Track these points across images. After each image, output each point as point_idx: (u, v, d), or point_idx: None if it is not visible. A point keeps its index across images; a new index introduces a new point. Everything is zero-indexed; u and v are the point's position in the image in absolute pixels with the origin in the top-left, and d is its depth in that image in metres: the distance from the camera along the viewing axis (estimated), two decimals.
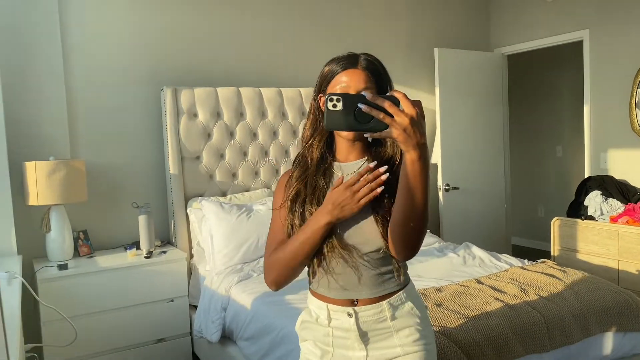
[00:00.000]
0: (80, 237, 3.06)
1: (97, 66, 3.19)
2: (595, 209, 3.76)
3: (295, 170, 1.39)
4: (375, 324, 1.33)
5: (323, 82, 1.35)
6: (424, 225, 1.18)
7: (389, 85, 1.35)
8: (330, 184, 1.35)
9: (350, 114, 1.09)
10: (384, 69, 1.35)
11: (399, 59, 4.33)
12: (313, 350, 1.41)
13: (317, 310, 1.38)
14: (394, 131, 1.06)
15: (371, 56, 1.34)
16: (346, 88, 1.28)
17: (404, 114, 1.05)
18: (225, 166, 3.44)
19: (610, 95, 4.04)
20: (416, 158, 1.09)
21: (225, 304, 2.68)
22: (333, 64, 1.33)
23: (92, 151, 3.17)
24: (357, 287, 1.33)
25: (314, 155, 1.38)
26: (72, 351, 2.69)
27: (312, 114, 1.39)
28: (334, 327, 1.36)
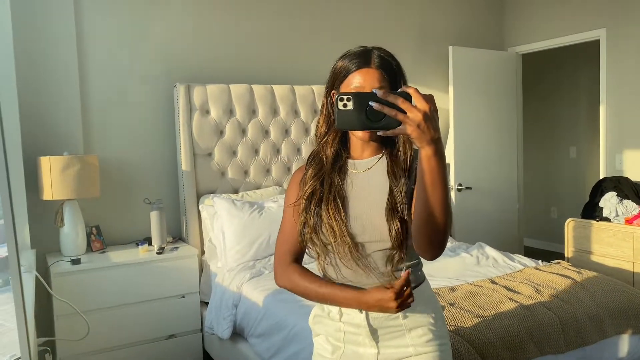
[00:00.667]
0: (93, 232, 3.07)
1: (111, 62, 3.20)
2: (611, 210, 3.71)
3: (309, 168, 1.37)
4: (387, 321, 1.32)
5: (336, 80, 1.32)
6: (448, 221, 1.14)
7: (403, 80, 1.31)
8: (345, 181, 1.34)
9: (361, 112, 1.07)
10: (398, 64, 1.31)
11: (411, 57, 4.30)
12: (325, 345, 1.40)
13: (329, 306, 1.38)
14: (407, 128, 1.03)
15: (384, 51, 1.31)
16: (360, 89, 1.25)
17: (417, 109, 1.02)
18: (237, 163, 3.44)
19: (627, 96, 3.98)
20: (432, 153, 1.06)
21: (237, 301, 2.68)
22: (346, 60, 1.30)
23: (106, 147, 3.19)
24: (367, 284, 1.31)
25: (328, 152, 1.36)
26: (84, 345, 2.70)
27: (324, 110, 1.37)
28: (345, 322, 1.35)
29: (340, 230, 1.29)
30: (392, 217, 1.26)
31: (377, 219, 1.28)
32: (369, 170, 1.34)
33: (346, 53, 1.32)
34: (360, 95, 1.08)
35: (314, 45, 3.83)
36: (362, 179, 1.34)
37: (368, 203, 1.31)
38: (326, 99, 1.36)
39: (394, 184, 1.29)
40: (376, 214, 1.29)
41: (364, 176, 1.34)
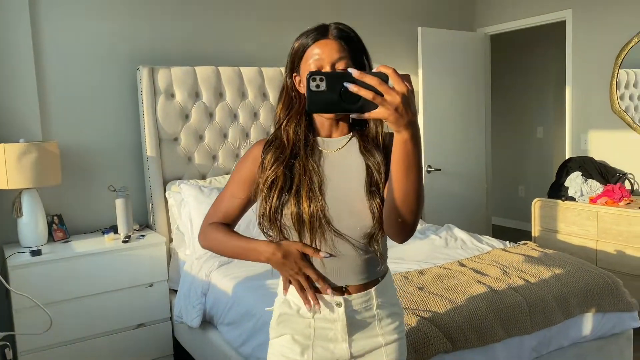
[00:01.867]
0: (55, 221, 2.97)
1: (70, 44, 3.06)
2: (576, 189, 3.78)
3: (268, 153, 1.29)
4: (363, 313, 1.30)
5: (295, 59, 1.27)
6: (421, 205, 1.13)
7: (365, 54, 1.27)
8: (319, 163, 1.28)
9: (335, 94, 1.00)
10: (358, 37, 1.27)
11: (381, 38, 4.25)
12: (291, 346, 1.32)
13: (298, 301, 1.31)
14: (384, 111, 0.97)
15: (342, 24, 1.27)
16: (319, 61, 1.21)
17: (395, 91, 0.96)
18: (204, 148, 3.36)
19: (592, 76, 4.03)
20: (408, 137, 1.02)
21: (206, 289, 2.64)
22: (303, 37, 1.26)
23: (66, 132, 3.07)
24: (346, 273, 1.28)
25: (290, 136, 1.29)
26: (47, 339, 2.63)
27: (285, 94, 1.31)
28: (318, 318, 1.30)
29: (318, 214, 1.23)
30: (372, 196, 1.23)
31: (356, 200, 1.25)
32: (341, 150, 1.29)
33: (303, 32, 1.27)
34: (334, 75, 1.02)
35: (281, 26, 3.75)
36: (334, 159, 1.29)
37: (343, 185, 1.27)
38: (287, 82, 1.31)
39: (371, 162, 1.25)
40: (354, 194, 1.25)
41: (337, 156, 1.29)
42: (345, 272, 1.28)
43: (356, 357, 1.31)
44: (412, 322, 1.92)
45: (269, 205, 1.25)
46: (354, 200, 1.25)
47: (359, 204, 1.24)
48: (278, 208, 1.25)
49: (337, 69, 1.21)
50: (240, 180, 1.36)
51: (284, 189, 1.25)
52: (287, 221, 1.25)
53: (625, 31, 3.78)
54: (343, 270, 1.28)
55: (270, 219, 1.26)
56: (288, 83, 1.31)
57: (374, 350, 1.32)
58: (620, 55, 3.81)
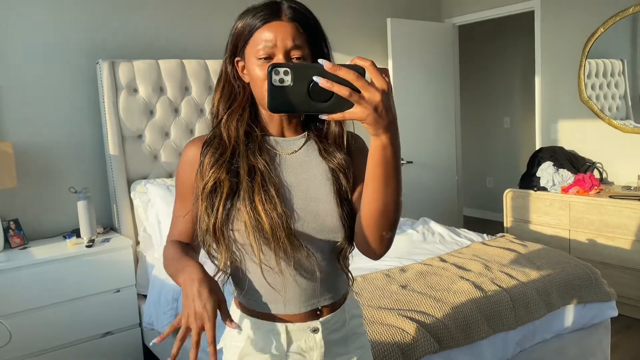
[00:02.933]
0: (11, 226, 2.78)
1: (24, 37, 2.86)
2: (547, 179, 3.80)
3: (205, 155, 1.07)
4: (337, 333, 1.13)
5: (239, 41, 1.06)
6: (399, 216, 0.97)
7: (324, 40, 1.08)
8: (273, 165, 1.08)
9: (302, 90, 0.83)
10: (316, 19, 1.08)
11: (350, 30, 4.17)
12: None
13: (265, 336, 1.10)
14: (362, 111, 0.81)
15: (297, 3, 1.06)
16: (270, 48, 1.01)
17: (374, 88, 0.80)
18: (171, 145, 3.21)
19: (561, 66, 4.05)
20: (388, 142, 0.86)
21: (177, 294, 2.51)
22: (249, 16, 1.04)
23: (21, 132, 2.87)
24: (319, 292, 1.10)
25: (233, 132, 1.07)
26: (7, 353, 2.46)
27: (223, 82, 1.11)
28: (293, 352, 1.10)
29: (279, 225, 1.02)
30: (341, 205, 1.07)
31: (324, 212, 1.07)
32: (297, 153, 1.11)
33: (248, 8, 1.06)
34: (301, 67, 0.84)
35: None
36: (292, 163, 1.10)
37: (308, 193, 1.08)
38: (226, 68, 1.10)
39: (334, 165, 1.08)
40: (321, 205, 1.07)
41: (294, 160, 1.10)
42: (315, 292, 1.09)
43: None
44: (398, 323, 1.85)
45: (213, 219, 1.03)
46: (321, 210, 1.07)
47: (327, 214, 1.07)
48: (225, 221, 1.03)
49: (291, 57, 1.02)
50: (182, 195, 1.14)
51: (229, 197, 1.03)
52: (240, 237, 1.04)
53: (592, 21, 3.80)
54: (313, 291, 1.09)
55: (216, 235, 1.04)
56: (228, 69, 1.10)
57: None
58: (587, 45, 3.84)
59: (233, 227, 1.03)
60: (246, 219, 1.01)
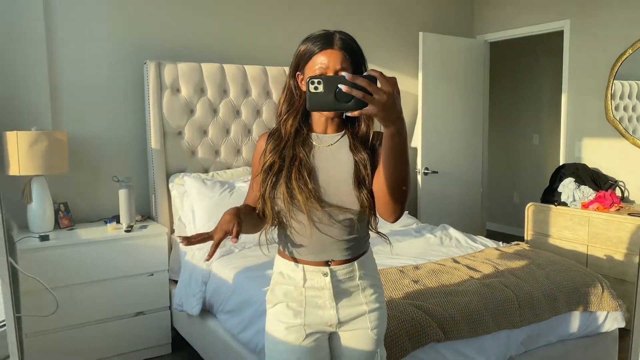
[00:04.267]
0: (61, 209, 3.04)
1: (81, 37, 3.14)
2: (568, 195, 3.87)
3: (269, 142, 1.47)
4: (347, 282, 1.46)
5: (300, 61, 1.42)
6: (408, 190, 1.30)
7: (364, 62, 1.42)
8: (310, 154, 1.44)
9: (331, 94, 1.15)
10: (359, 46, 1.42)
11: (383, 42, 4.35)
12: (285, 312, 1.47)
13: (290, 272, 1.47)
14: (373, 108, 1.12)
15: (345, 34, 1.41)
16: (324, 69, 1.36)
17: (382, 91, 1.11)
18: (207, 143, 3.44)
19: (588, 86, 4.14)
20: (395, 132, 1.17)
21: (206, 278, 2.71)
22: (309, 43, 1.39)
23: (74, 123, 3.15)
24: (332, 249, 1.43)
25: (288, 129, 1.45)
26: (51, 322, 2.70)
27: (287, 90, 1.47)
28: (308, 287, 1.45)
29: (309, 197, 1.38)
30: (359, 187, 1.39)
31: (344, 191, 1.40)
32: (333, 146, 1.45)
33: (309, 36, 1.41)
34: (330, 78, 1.17)
35: (286, 26, 3.84)
36: (326, 153, 1.44)
37: (334, 175, 1.42)
38: (290, 80, 1.46)
39: (358, 157, 1.41)
40: (343, 185, 1.40)
41: (328, 150, 1.44)
42: (329, 248, 1.43)
43: (343, 322, 1.47)
44: (407, 312, 2.00)
45: (265, 187, 1.42)
46: (342, 189, 1.41)
47: (346, 193, 1.40)
48: (271, 191, 1.41)
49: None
50: (254, 173, 1.52)
51: (276, 174, 1.42)
52: (280, 203, 1.41)
53: (620, 42, 3.88)
54: (327, 247, 1.43)
55: (265, 200, 1.42)
56: (291, 81, 1.45)
57: (359, 316, 1.47)
58: (615, 66, 3.92)
59: (275, 195, 1.41)
60: (283, 190, 1.39)
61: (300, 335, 1.45)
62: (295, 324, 1.46)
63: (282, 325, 1.47)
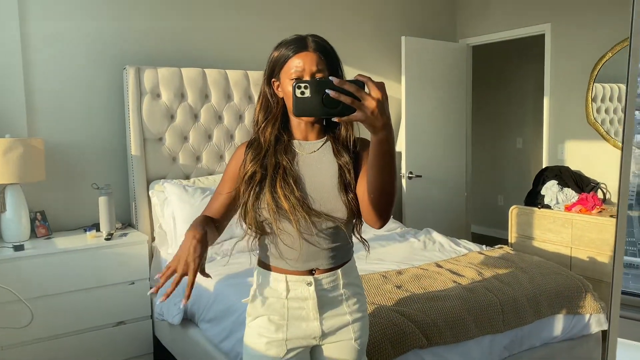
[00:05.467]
0: (38, 217, 2.98)
1: (57, 41, 3.09)
2: (552, 197, 3.89)
3: (248, 152, 1.42)
4: (331, 292, 1.43)
5: (275, 67, 1.38)
6: (395, 195, 1.29)
7: (339, 63, 1.40)
8: (294, 162, 1.40)
9: (318, 100, 1.12)
10: (333, 48, 1.40)
11: (365, 46, 4.34)
12: (267, 326, 1.43)
13: (272, 283, 1.43)
14: (361, 114, 1.09)
15: (318, 37, 1.39)
16: (300, 72, 1.33)
17: (371, 97, 1.08)
18: (189, 149, 3.40)
19: (569, 89, 4.16)
20: (383, 138, 1.14)
21: None
22: (283, 48, 1.37)
23: (52, 130, 3.08)
24: (317, 258, 1.40)
25: (267, 137, 1.41)
26: (28, 333, 2.63)
27: (262, 98, 1.43)
28: (291, 298, 1.42)
29: (296, 205, 1.34)
30: (344, 193, 1.37)
31: (330, 197, 1.37)
32: (316, 153, 1.42)
33: (281, 42, 1.39)
34: (317, 82, 1.13)
35: (267, 31, 3.81)
36: (310, 160, 1.41)
37: (319, 182, 1.39)
38: (265, 88, 1.42)
39: (342, 162, 1.39)
40: (328, 192, 1.38)
41: (312, 157, 1.41)
42: (314, 257, 1.40)
43: (326, 334, 1.44)
44: (389, 318, 1.98)
45: (247, 197, 1.37)
46: (328, 195, 1.38)
47: (332, 199, 1.38)
48: (255, 201, 1.36)
49: (315, 77, 1.33)
50: (226, 179, 1.47)
51: (259, 184, 1.37)
52: (266, 213, 1.36)
53: (600, 46, 3.92)
54: (312, 256, 1.40)
55: (246, 210, 1.38)
56: (266, 89, 1.42)
57: (342, 327, 1.44)
58: (595, 69, 3.95)
59: (260, 205, 1.36)
60: (269, 200, 1.34)
61: (282, 350, 1.42)
62: (276, 339, 1.42)
63: (262, 339, 1.43)
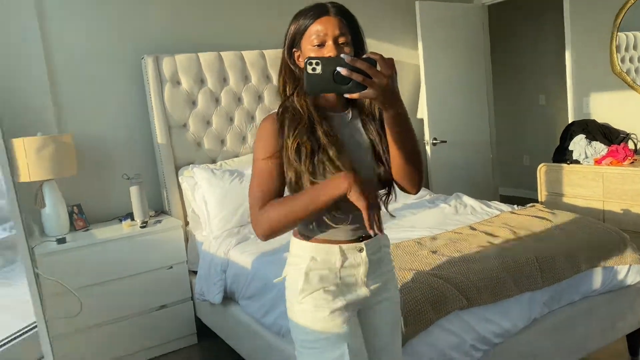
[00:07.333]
0: (75, 211, 3.06)
1: (76, 38, 3.12)
2: (580, 152, 3.83)
3: (285, 121, 1.33)
4: (375, 255, 1.46)
5: (296, 36, 1.35)
6: (422, 163, 1.35)
7: (360, 30, 1.38)
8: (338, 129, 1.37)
9: (329, 76, 1.12)
10: (354, 16, 1.37)
11: (379, 14, 4.28)
12: (325, 297, 1.39)
13: (325, 255, 1.40)
14: (372, 92, 1.11)
15: (338, 3, 1.35)
16: (323, 37, 1.29)
17: (382, 74, 1.09)
18: (212, 133, 3.43)
19: (591, 40, 4.06)
20: (395, 113, 1.18)
21: (225, 266, 2.73)
22: (301, 17, 1.34)
23: (79, 125, 3.14)
24: (363, 226, 1.36)
25: (304, 106, 1.34)
26: (77, 323, 2.73)
27: (285, 69, 1.40)
28: (346, 266, 1.41)
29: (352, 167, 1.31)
30: (378, 164, 1.41)
31: (367, 166, 1.40)
32: (350, 124, 1.42)
33: (299, 12, 1.36)
34: (328, 60, 1.14)
35: (282, 8, 3.78)
36: (347, 131, 1.40)
37: (357, 152, 1.39)
38: (287, 60, 1.38)
39: (372, 136, 1.40)
40: (366, 161, 1.40)
41: (348, 128, 1.41)
42: (362, 224, 1.37)
43: (372, 296, 1.47)
44: (428, 282, 2.00)
45: (304, 169, 1.30)
46: (366, 165, 1.40)
47: (369, 170, 1.41)
48: (312, 172, 1.30)
49: (339, 43, 1.31)
50: (267, 159, 1.34)
51: (312, 154, 1.30)
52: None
53: None
54: (361, 223, 1.38)
55: (299, 184, 1.31)
56: (289, 61, 1.38)
57: (384, 286, 1.49)
58: (617, 18, 3.84)
59: (316, 177, 1.30)
60: (329, 169, 1.30)
61: (344, 319, 1.40)
62: (336, 307, 1.39)
63: (324, 311, 1.38)
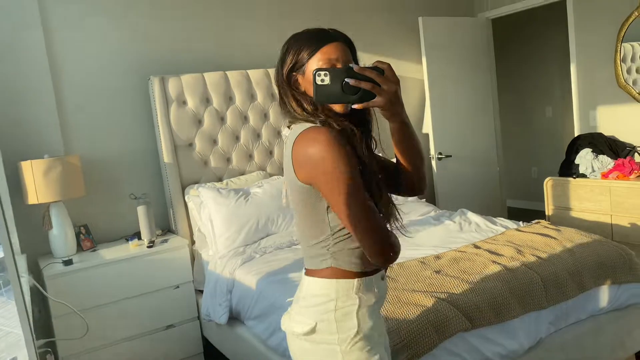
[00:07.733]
0: (82, 231, 3.09)
1: (83, 59, 3.17)
2: (587, 166, 3.82)
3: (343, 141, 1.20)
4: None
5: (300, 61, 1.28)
6: (424, 164, 1.38)
7: (355, 50, 1.37)
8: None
9: (337, 86, 1.15)
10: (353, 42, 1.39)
11: (382, 29, 4.30)
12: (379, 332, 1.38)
13: (370, 287, 1.34)
14: (381, 100, 1.14)
15: (337, 30, 1.36)
16: (334, 61, 1.25)
17: (390, 82, 1.13)
18: (219, 152, 3.46)
19: (596, 53, 4.06)
20: (402, 122, 1.21)
21: (231, 286, 2.74)
22: (305, 42, 1.28)
23: (86, 146, 3.18)
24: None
25: (347, 125, 1.25)
26: (85, 343, 2.75)
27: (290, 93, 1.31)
28: (381, 296, 1.39)
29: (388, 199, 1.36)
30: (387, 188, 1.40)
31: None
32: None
33: (299, 37, 1.31)
34: (337, 70, 1.17)
35: (285, 26, 3.81)
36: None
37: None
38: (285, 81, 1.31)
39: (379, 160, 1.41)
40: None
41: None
42: None
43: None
44: (430, 303, 2.00)
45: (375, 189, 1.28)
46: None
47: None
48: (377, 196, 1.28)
49: None
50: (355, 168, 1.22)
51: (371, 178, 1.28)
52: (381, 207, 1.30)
53: (624, 5, 3.80)
54: None
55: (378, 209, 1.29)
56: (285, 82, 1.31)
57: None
58: (622, 30, 3.83)
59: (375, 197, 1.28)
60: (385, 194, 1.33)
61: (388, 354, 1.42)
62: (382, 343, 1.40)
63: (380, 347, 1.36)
